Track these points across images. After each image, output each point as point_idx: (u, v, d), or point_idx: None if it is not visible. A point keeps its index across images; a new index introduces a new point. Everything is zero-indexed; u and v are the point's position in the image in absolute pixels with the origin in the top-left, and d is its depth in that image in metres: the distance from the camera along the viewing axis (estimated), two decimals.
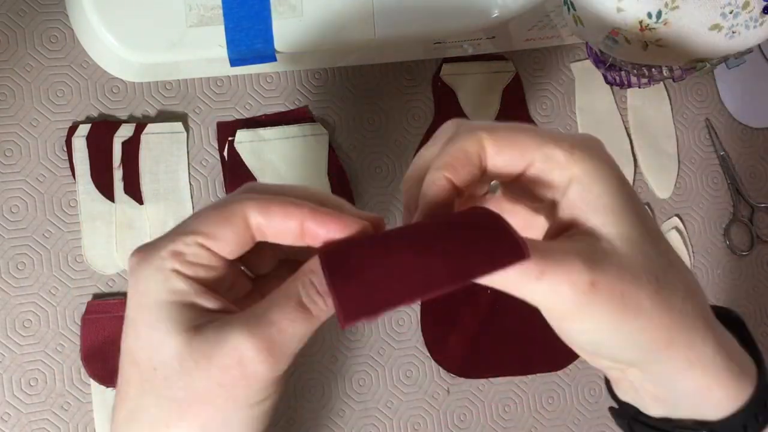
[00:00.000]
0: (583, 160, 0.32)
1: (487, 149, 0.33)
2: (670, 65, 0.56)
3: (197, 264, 0.32)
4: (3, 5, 0.58)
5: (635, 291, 0.31)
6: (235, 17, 0.55)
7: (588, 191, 0.32)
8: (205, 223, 0.32)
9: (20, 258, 0.58)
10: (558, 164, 0.33)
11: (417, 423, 0.64)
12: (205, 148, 0.62)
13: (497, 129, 0.33)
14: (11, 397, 0.56)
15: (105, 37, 0.54)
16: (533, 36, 0.65)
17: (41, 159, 0.58)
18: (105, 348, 0.58)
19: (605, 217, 0.32)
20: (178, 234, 0.32)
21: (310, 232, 0.33)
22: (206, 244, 0.32)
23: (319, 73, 0.64)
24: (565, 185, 0.33)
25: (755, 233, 0.73)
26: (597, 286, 0.30)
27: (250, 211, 0.32)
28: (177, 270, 0.32)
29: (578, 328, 0.32)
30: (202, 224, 0.32)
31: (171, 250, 0.32)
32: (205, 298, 0.32)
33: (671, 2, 0.49)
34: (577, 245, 0.32)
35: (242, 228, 0.32)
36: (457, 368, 0.64)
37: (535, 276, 0.30)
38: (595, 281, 0.30)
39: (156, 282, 0.31)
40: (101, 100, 0.60)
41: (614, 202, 0.32)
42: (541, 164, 0.33)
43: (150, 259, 0.32)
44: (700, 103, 0.73)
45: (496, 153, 0.33)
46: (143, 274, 0.32)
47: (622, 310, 0.31)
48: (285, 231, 0.33)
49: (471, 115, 0.67)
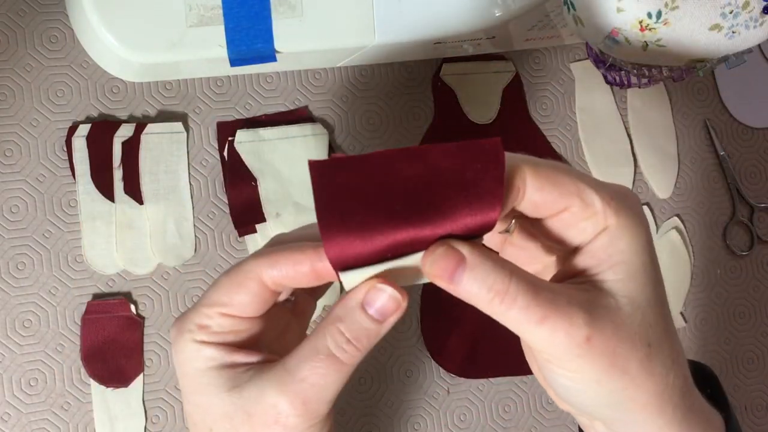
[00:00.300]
0: (618, 214, 0.33)
1: (528, 185, 0.33)
2: (670, 65, 0.56)
3: (222, 332, 0.35)
4: (3, 5, 0.58)
5: (627, 353, 0.32)
6: (235, 17, 0.55)
7: (613, 246, 0.33)
8: (220, 292, 0.35)
9: (20, 258, 0.58)
10: (593, 213, 0.33)
11: (417, 423, 0.64)
12: (205, 148, 0.62)
13: (540, 166, 0.33)
14: (11, 397, 0.56)
15: (105, 37, 0.54)
16: (533, 36, 0.65)
17: (41, 159, 0.58)
18: (105, 348, 0.58)
19: (621, 275, 0.33)
20: (202, 306, 0.35)
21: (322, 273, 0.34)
22: (226, 312, 0.35)
23: (319, 73, 0.64)
24: (592, 234, 0.33)
25: (755, 233, 0.73)
26: (591, 342, 0.31)
27: (261, 270, 0.34)
28: (205, 341, 0.35)
29: (562, 374, 0.33)
30: (218, 294, 0.35)
31: (197, 324, 0.35)
32: (239, 356, 0.35)
33: (671, 2, 0.49)
34: (582, 296, 0.32)
35: (257, 288, 0.35)
36: (457, 368, 0.64)
37: (536, 320, 0.31)
38: (591, 337, 0.31)
39: (190, 352, 0.35)
40: (101, 100, 0.60)
41: (634, 261, 0.33)
42: (576, 209, 0.33)
43: (181, 333, 0.35)
44: (700, 103, 0.73)
45: (536, 190, 0.33)
46: (179, 347, 0.35)
47: (610, 368, 0.32)
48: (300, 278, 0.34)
49: (471, 115, 0.67)
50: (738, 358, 0.72)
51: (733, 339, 0.72)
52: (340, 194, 0.31)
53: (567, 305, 0.31)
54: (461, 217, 0.31)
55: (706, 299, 0.71)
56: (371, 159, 0.32)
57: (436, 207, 0.31)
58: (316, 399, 0.33)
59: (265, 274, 0.34)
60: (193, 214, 0.61)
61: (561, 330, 0.31)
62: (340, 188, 0.31)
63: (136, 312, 0.59)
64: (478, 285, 0.31)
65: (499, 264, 0.32)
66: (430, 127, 0.66)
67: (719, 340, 0.71)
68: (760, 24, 0.50)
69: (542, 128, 0.68)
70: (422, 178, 0.32)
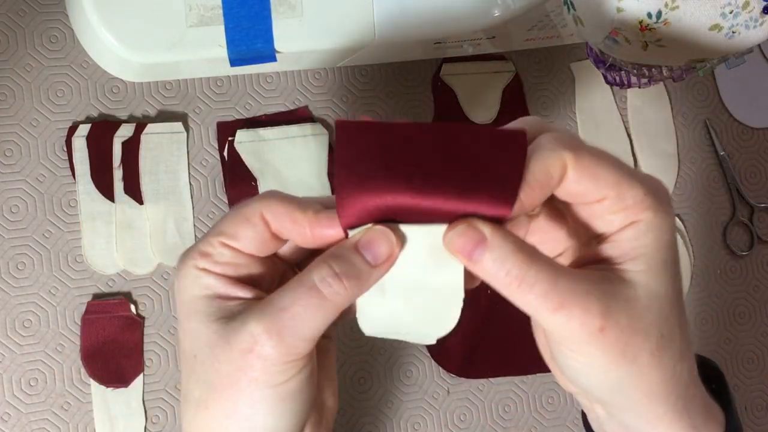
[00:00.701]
0: (650, 209, 0.33)
1: (569, 175, 0.32)
2: (670, 65, 0.56)
3: (223, 262, 0.35)
4: (3, 5, 0.58)
5: (639, 344, 0.33)
6: (235, 17, 0.55)
7: (639, 239, 0.33)
8: (227, 224, 0.35)
9: (20, 258, 0.58)
10: (625, 207, 0.33)
11: (417, 423, 0.64)
12: (205, 148, 0.62)
13: (583, 156, 0.33)
14: (11, 397, 0.56)
15: (105, 37, 0.54)
16: (533, 36, 0.65)
17: (41, 159, 0.58)
18: (105, 348, 0.58)
19: (642, 267, 0.33)
20: (208, 236, 0.35)
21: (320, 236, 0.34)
22: (228, 243, 0.35)
23: (319, 73, 0.64)
24: (619, 225, 0.33)
25: (755, 233, 0.73)
26: (605, 332, 0.32)
27: (265, 213, 0.35)
28: (205, 268, 0.35)
29: (572, 357, 0.34)
30: (225, 225, 0.35)
31: (200, 251, 0.35)
32: (235, 289, 0.35)
33: (671, 2, 0.49)
34: (601, 285, 0.33)
35: (261, 227, 0.35)
36: (457, 368, 0.64)
37: (552, 307, 0.32)
38: (605, 327, 0.32)
39: (190, 279, 0.35)
40: (101, 100, 0.60)
41: (657, 256, 0.33)
42: (610, 202, 0.33)
43: (186, 260, 0.35)
44: (700, 103, 0.73)
45: (573, 181, 0.33)
46: (181, 273, 0.35)
47: (620, 357, 0.33)
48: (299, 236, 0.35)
49: (471, 115, 0.67)
50: (738, 358, 0.72)
51: (733, 339, 0.72)
52: (361, 154, 0.32)
53: (584, 294, 0.32)
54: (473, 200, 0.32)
55: (706, 299, 0.71)
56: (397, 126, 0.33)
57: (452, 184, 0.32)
58: (293, 331, 0.33)
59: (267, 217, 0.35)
60: (193, 214, 0.61)
61: (576, 319, 0.32)
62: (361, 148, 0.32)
63: (136, 312, 0.59)
64: (497, 267, 0.32)
65: (519, 248, 0.32)
66: None
67: (719, 340, 0.71)
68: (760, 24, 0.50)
69: None
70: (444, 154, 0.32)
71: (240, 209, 0.35)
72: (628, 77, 0.61)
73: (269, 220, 0.35)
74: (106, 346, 0.58)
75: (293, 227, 0.34)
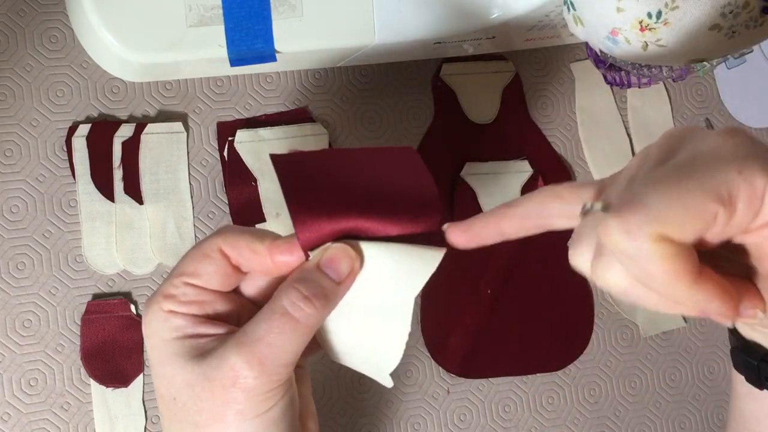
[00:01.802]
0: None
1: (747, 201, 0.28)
2: (670, 65, 0.56)
3: (188, 302, 0.35)
4: (3, 5, 0.58)
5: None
6: (235, 17, 0.55)
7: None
8: (187, 262, 0.36)
9: (20, 258, 0.58)
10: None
11: (417, 423, 0.64)
12: (205, 148, 0.62)
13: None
14: (11, 397, 0.56)
15: (105, 37, 0.54)
16: (533, 36, 0.65)
17: (41, 159, 0.58)
18: (105, 348, 0.58)
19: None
20: (170, 277, 0.36)
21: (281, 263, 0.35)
22: (191, 281, 0.35)
23: (319, 73, 0.64)
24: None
25: None
26: None
27: (224, 246, 0.35)
28: (172, 310, 0.35)
29: None
30: (185, 264, 0.36)
31: (164, 293, 0.35)
32: (204, 327, 0.35)
33: (671, 2, 0.49)
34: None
35: (221, 261, 0.36)
36: (457, 368, 0.64)
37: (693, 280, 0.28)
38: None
39: (157, 322, 0.35)
40: (101, 100, 0.60)
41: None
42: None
43: (151, 304, 0.36)
44: (700, 103, 0.73)
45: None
46: (147, 319, 0.36)
47: None
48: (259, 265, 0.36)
49: (471, 115, 0.67)
50: None
51: None
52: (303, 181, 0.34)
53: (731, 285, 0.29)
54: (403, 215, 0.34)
55: None
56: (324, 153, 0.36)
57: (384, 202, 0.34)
58: (272, 360, 0.33)
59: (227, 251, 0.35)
60: (193, 214, 0.61)
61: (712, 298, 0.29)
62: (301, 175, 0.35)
63: (136, 312, 0.59)
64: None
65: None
66: (430, 127, 0.66)
67: (719, 341, 0.71)
68: (760, 24, 0.50)
69: (542, 128, 0.68)
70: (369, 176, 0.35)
71: (198, 246, 0.36)
72: (628, 77, 0.61)
73: (229, 253, 0.35)
74: (106, 346, 0.58)
75: (253, 257, 0.35)
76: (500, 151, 0.67)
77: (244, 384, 0.33)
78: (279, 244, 0.35)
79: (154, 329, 0.35)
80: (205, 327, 0.35)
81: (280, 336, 0.33)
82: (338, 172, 0.35)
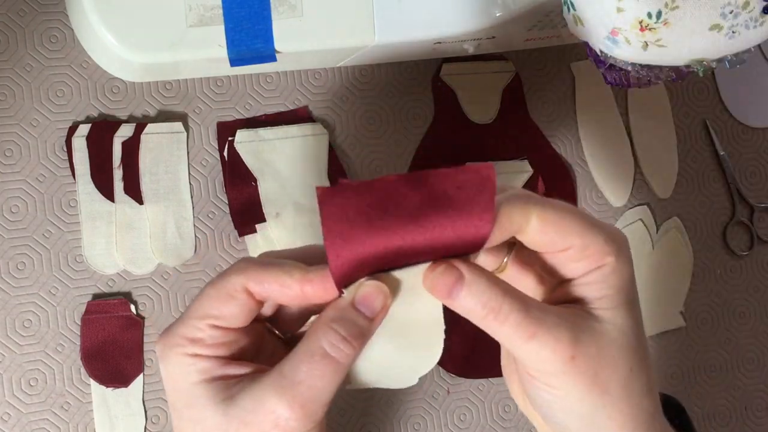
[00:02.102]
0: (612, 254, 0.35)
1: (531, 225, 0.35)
2: (670, 65, 0.56)
3: (216, 344, 0.35)
4: (3, 5, 0.58)
5: (609, 374, 0.35)
6: (235, 17, 0.55)
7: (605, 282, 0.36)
8: (211, 304, 0.35)
9: (20, 258, 0.58)
10: (590, 254, 0.35)
11: (417, 423, 0.64)
12: (205, 148, 0.62)
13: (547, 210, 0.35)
14: (11, 397, 0.57)
15: (105, 37, 0.54)
16: (533, 36, 0.65)
17: (41, 159, 0.58)
18: (105, 348, 0.58)
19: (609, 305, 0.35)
20: (190, 318, 0.35)
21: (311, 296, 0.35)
22: (218, 324, 0.35)
23: (319, 73, 0.64)
24: (584, 270, 0.36)
25: (755, 233, 0.73)
26: (576, 360, 0.34)
27: (249, 284, 0.35)
28: (197, 354, 0.35)
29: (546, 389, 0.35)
30: (209, 306, 0.35)
31: (188, 337, 0.35)
32: (231, 368, 0.35)
33: (671, 2, 0.49)
34: (570, 318, 0.35)
35: (246, 300, 0.35)
36: (457, 368, 0.64)
37: (526, 337, 0.34)
38: (576, 356, 0.34)
39: (182, 366, 0.35)
40: (101, 100, 0.60)
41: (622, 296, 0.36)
42: (575, 251, 0.35)
43: (171, 347, 0.35)
44: (700, 103, 0.73)
45: (539, 231, 0.35)
46: (170, 362, 0.35)
47: (592, 386, 0.34)
48: (288, 299, 0.36)
49: (471, 115, 0.67)
50: (738, 358, 0.72)
51: (733, 339, 0.72)
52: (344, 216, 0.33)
53: (555, 325, 0.34)
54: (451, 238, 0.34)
55: (706, 299, 0.71)
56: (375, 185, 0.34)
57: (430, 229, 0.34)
58: (313, 401, 0.34)
59: (253, 288, 0.35)
60: (193, 214, 0.61)
61: (548, 347, 0.34)
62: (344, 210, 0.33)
63: (136, 312, 0.59)
64: (474, 301, 0.34)
65: (494, 283, 0.34)
66: (430, 127, 0.66)
67: (719, 340, 0.71)
68: (760, 24, 0.50)
69: (542, 128, 0.68)
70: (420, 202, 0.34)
71: (220, 286, 0.36)
72: (628, 77, 0.61)
73: (254, 290, 0.35)
74: (106, 346, 0.58)
75: (282, 290, 0.35)
76: (500, 151, 0.67)
77: (285, 426, 0.33)
78: (311, 279, 0.35)
79: (179, 373, 0.35)
80: (231, 368, 0.35)
81: (321, 378, 0.34)
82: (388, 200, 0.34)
